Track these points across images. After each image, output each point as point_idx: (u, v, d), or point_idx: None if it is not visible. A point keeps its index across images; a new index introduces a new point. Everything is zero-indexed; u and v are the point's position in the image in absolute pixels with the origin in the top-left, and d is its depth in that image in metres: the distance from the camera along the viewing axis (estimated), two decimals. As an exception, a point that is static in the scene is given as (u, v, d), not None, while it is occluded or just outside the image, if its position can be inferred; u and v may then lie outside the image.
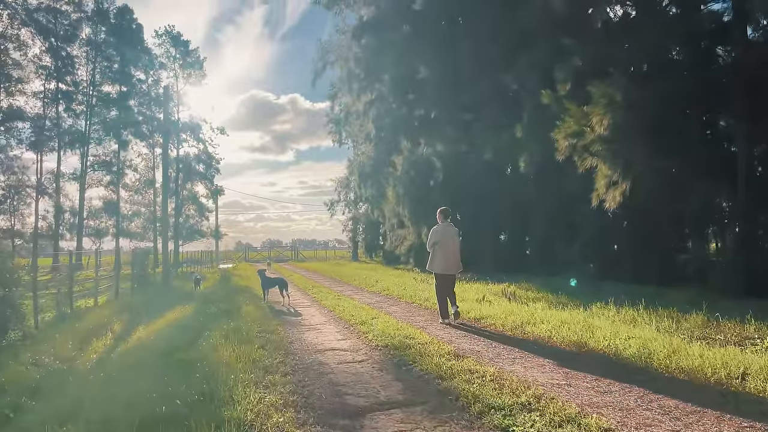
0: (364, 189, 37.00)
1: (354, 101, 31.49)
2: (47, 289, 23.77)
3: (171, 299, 14.80)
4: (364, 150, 35.39)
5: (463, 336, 8.22)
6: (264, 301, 13.48)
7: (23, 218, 47.25)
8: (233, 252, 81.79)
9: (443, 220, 9.73)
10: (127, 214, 48.10)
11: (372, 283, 18.63)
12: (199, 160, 48.13)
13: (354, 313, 10.61)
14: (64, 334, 9.31)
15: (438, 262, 9.61)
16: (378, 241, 47.26)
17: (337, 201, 52.06)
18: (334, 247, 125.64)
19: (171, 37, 47.12)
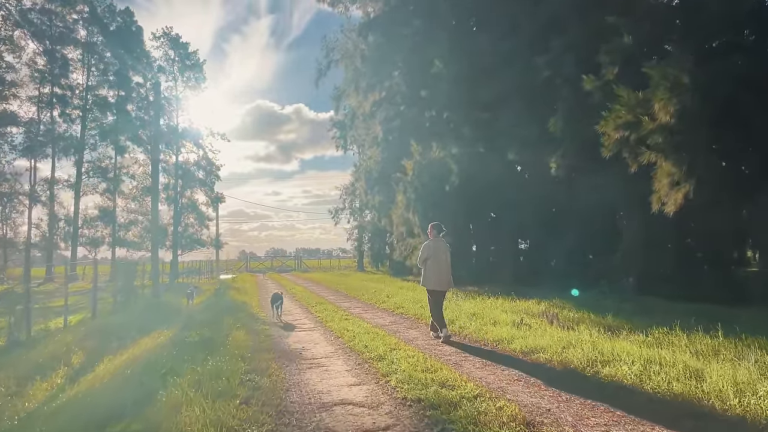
0: (370, 196, 35.04)
1: (360, 102, 29.59)
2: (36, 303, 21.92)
3: (154, 318, 12.81)
4: (370, 155, 33.44)
5: (515, 380, 6.21)
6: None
7: (16, 227, 45.56)
8: (236, 261, 79.93)
9: (435, 235, 9.66)
10: (124, 223, 46.26)
11: (383, 299, 16.62)
12: (198, 167, 46.33)
13: (367, 342, 8.59)
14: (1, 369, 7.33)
15: (431, 277, 9.50)
16: (385, 251, 45.24)
17: (342, 209, 50.11)
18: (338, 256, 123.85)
19: (170, 39, 45.45)
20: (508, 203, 20.88)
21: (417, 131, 25.77)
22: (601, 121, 12.22)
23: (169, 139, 44.58)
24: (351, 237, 50.56)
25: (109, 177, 45.21)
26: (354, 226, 49.98)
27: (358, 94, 28.98)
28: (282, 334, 10.32)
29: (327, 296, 19.74)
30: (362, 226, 47.85)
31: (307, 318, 13.00)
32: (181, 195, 45.80)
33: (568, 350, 7.31)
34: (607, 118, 11.96)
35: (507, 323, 10.13)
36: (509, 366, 6.88)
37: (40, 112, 43.92)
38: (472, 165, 21.44)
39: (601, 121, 12.22)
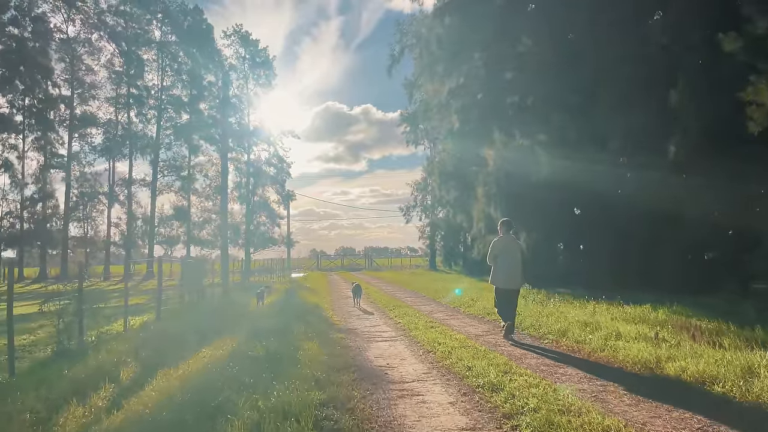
0: (444, 191, 33.19)
1: (436, 90, 27.81)
2: (104, 302, 21.61)
3: (222, 321, 11.66)
4: (444, 147, 31.61)
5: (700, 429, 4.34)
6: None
7: (96, 226, 46.90)
8: (306, 260, 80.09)
9: (505, 233, 9.46)
10: (198, 221, 46.63)
11: (466, 302, 14.85)
12: (269, 164, 45.99)
13: (468, 361, 6.92)
14: (35, 389, 6.18)
15: (499, 276, 9.33)
16: (458, 249, 43.31)
17: (413, 206, 48.49)
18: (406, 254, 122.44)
19: (240, 36, 45.24)
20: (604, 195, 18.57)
21: (498, 119, 23.72)
22: (747, 88, 9.93)
23: (240, 137, 44.47)
24: (423, 235, 48.89)
25: (183, 176, 45.69)
26: (426, 223, 48.28)
27: (432, 82, 27.20)
28: (360, 345, 8.80)
29: (403, 297, 18.18)
30: (434, 223, 46.06)
31: (386, 324, 11.45)
32: (253, 193, 45.60)
33: (751, 381, 5.35)
34: (758, 84, 9.64)
35: (635, 337, 8.15)
36: (677, 404, 4.99)
37: (117, 113, 44.98)
38: (562, 154, 19.26)
39: (747, 88, 9.93)
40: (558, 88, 18.89)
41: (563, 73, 18.43)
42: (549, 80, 19.32)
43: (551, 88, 19.39)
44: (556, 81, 18.76)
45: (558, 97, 19.15)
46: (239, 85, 45.63)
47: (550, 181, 19.70)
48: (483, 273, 29.14)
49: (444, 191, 33.30)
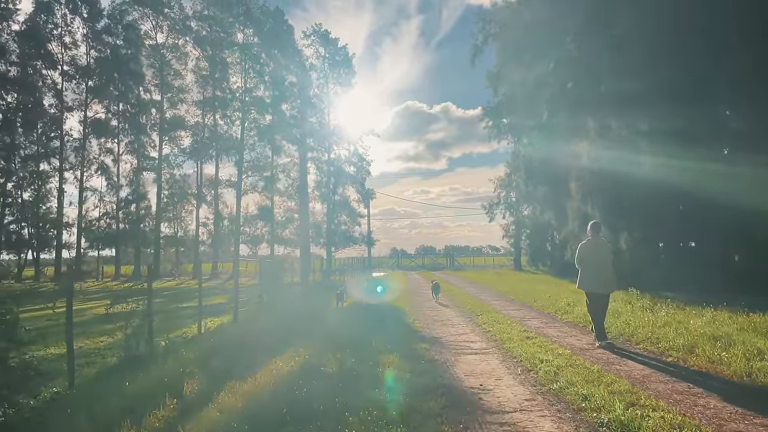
0: (531, 187, 31.43)
1: (521, 80, 26.26)
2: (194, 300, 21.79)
3: (298, 324, 10.98)
4: (531, 140, 29.81)
5: None
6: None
7: (185, 225, 48.50)
8: (387, 258, 79.73)
9: (594, 235, 9.04)
10: (281, 221, 47.07)
11: (562, 308, 13.42)
12: (349, 163, 45.77)
13: (582, 386, 5.72)
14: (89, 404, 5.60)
15: (586, 279, 8.92)
16: (545, 248, 41.20)
17: (497, 203, 46.63)
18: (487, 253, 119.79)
19: (320, 35, 45.33)
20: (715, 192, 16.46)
21: (592, 108, 21.88)
22: None
23: (321, 137, 44.54)
24: (507, 233, 46.92)
25: (266, 176, 46.28)
26: (510, 221, 46.31)
27: (518, 71, 25.67)
28: (447, 358, 7.75)
29: (489, 300, 16.92)
30: (520, 221, 44.10)
31: (474, 332, 10.32)
32: (334, 192, 45.56)
33: None
34: None
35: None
36: None
37: (204, 115, 46.26)
38: (667, 147, 17.32)
39: None
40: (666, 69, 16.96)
41: (671, 52, 16.49)
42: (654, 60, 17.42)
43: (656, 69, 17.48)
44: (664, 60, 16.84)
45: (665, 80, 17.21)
46: (319, 84, 45.75)
47: (651, 175, 17.84)
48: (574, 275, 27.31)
49: (530, 187, 31.55)
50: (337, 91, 46.11)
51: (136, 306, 7.84)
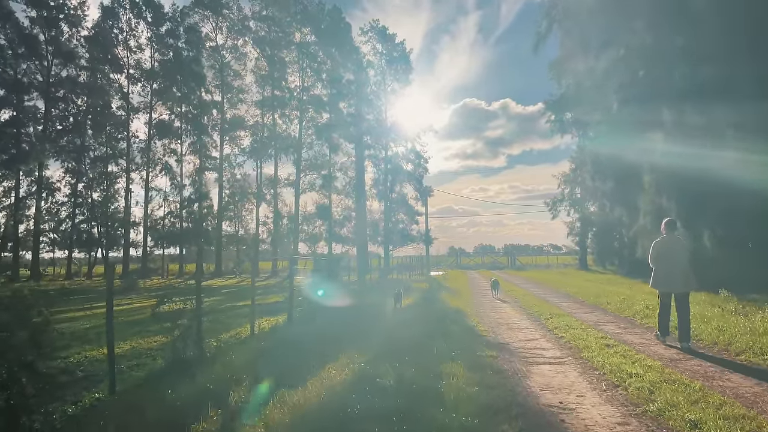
0: (599, 182, 29.79)
1: (588, 68, 24.79)
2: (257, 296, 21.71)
3: (354, 326, 10.39)
4: (598, 132, 28.21)
5: None
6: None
7: (246, 224, 49.18)
8: (445, 257, 78.67)
9: (668, 232, 8.68)
10: (339, 219, 46.96)
11: (641, 312, 12.25)
12: (407, 160, 45.09)
13: (687, 409, 4.84)
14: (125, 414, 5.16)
15: (661, 278, 8.61)
16: (613, 247, 39.16)
17: (560, 200, 44.78)
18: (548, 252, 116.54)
19: (377, 32, 44.83)
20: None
21: (667, 97, 20.31)
22: None
23: (378, 134, 44.05)
24: (571, 231, 45.00)
25: (324, 174, 46.32)
26: (575, 218, 44.38)
27: (585, 59, 24.23)
28: (518, 368, 6.94)
29: (557, 302, 15.84)
30: (585, 218, 42.16)
31: (545, 338, 9.42)
32: (391, 190, 45.02)
33: None
34: None
35: None
36: None
37: (263, 115, 46.73)
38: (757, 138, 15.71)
39: None
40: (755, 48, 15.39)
41: (762, 41, 14.94)
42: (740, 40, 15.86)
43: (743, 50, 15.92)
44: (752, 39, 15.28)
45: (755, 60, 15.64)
46: (376, 81, 45.30)
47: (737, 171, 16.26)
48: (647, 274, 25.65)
49: (598, 182, 29.92)
50: (394, 88, 45.56)
51: (183, 305, 7.40)
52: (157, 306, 7.08)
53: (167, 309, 7.38)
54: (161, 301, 7.09)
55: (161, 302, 7.08)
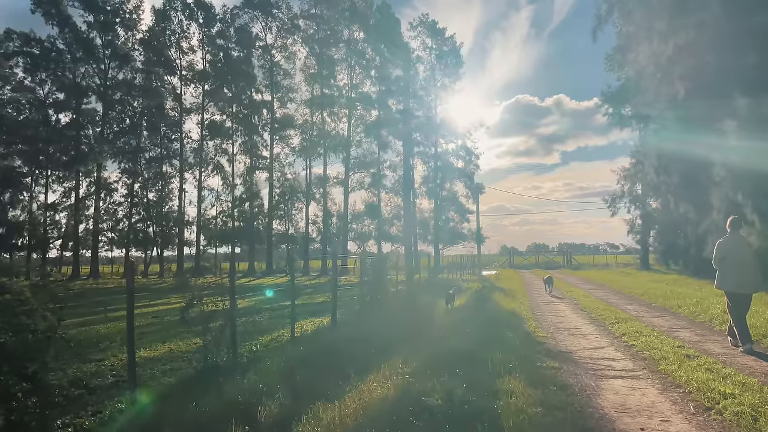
0: (663, 176, 28.00)
1: (652, 53, 23.20)
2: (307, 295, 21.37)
3: (402, 330, 9.68)
4: (663, 122, 26.39)
5: None
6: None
7: (296, 223, 49.26)
8: (497, 256, 76.98)
9: (733, 231, 8.35)
10: (388, 218, 46.43)
11: (719, 317, 11.00)
12: (457, 157, 44.16)
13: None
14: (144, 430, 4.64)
15: (728, 278, 8.19)
16: (677, 245, 36.97)
17: (620, 196, 42.59)
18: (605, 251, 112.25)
19: (426, 26, 44.05)
20: None
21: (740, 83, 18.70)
22: None
23: (427, 130, 43.27)
24: (632, 229, 42.78)
25: (373, 172, 45.88)
26: (636, 216, 42.16)
27: (650, 43, 22.64)
28: (585, 383, 6.06)
29: (621, 305, 14.67)
30: (648, 215, 39.96)
31: (612, 346, 8.45)
32: (441, 187, 44.14)
33: None
34: None
35: None
36: None
37: (312, 114, 46.64)
38: None
39: None
40: None
41: None
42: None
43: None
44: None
45: None
46: (426, 77, 44.56)
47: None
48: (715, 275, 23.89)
49: (662, 177, 28.15)
50: (444, 83, 44.64)
51: (216, 307, 6.85)
52: (186, 309, 6.53)
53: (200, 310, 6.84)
54: (190, 303, 6.52)
55: (190, 305, 6.52)
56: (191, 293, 6.62)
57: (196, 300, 6.47)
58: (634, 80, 30.69)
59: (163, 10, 45.01)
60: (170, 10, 45.19)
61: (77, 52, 42.64)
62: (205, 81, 46.60)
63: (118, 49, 44.03)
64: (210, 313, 6.79)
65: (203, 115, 46.89)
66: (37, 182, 46.18)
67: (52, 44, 42.18)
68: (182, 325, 6.71)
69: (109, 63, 44.21)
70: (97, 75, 44.28)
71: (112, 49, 43.90)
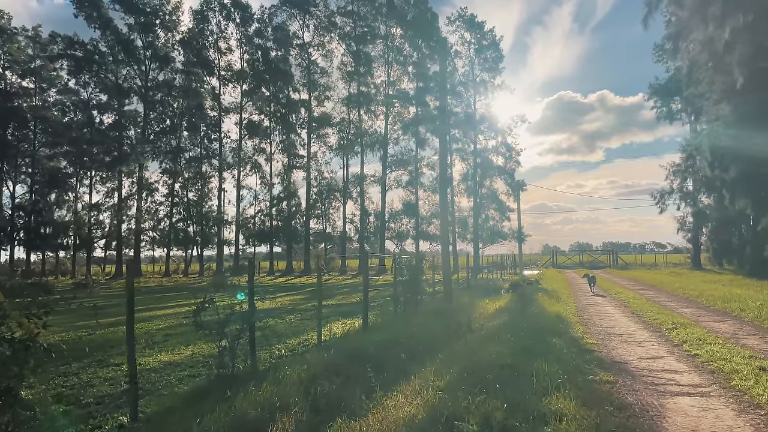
0: (718, 170, 26.37)
1: (707, 40, 21.81)
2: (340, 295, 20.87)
3: (435, 335, 8.97)
4: (719, 113, 24.80)
5: None
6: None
7: (333, 222, 48.91)
8: (539, 256, 75.18)
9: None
10: (426, 216, 45.58)
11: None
12: (497, 152, 42.91)
13: None
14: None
15: None
16: (733, 244, 35.10)
17: (669, 193, 40.64)
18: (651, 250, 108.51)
19: (464, 20, 42.99)
20: None
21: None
22: None
23: (466, 126, 42.24)
24: (682, 227, 40.81)
25: (410, 170, 45.16)
26: (686, 213, 40.18)
27: (704, 28, 21.26)
28: (646, 402, 5.26)
29: (677, 308, 13.58)
30: (700, 212, 38.03)
31: (673, 356, 7.54)
32: (480, 185, 43.03)
33: None
34: None
35: None
36: None
37: (349, 111, 46.20)
38: None
39: None
40: None
41: None
42: None
43: None
44: None
45: None
46: (464, 72, 43.58)
47: None
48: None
49: (717, 171, 26.53)
50: (483, 78, 43.53)
51: (231, 311, 6.29)
52: (198, 312, 5.98)
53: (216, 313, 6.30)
54: (202, 305, 5.97)
55: (202, 307, 5.97)
56: (204, 295, 6.07)
57: (208, 303, 5.92)
58: (686, 70, 29.13)
59: (200, 11, 45.30)
60: (207, 10, 45.43)
61: (119, 54, 43.31)
62: (244, 80, 46.70)
63: (158, 50, 44.51)
64: (225, 317, 6.25)
65: (241, 114, 47.01)
66: (81, 183, 47.23)
67: (94, 47, 42.91)
68: (196, 329, 6.15)
69: (150, 64, 44.75)
70: (138, 76, 44.88)
71: (152, 51, 44.41)
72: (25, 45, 45.48)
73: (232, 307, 6.41)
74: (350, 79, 45.30)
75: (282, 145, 47.11)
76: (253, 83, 46.23)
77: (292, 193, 47.58)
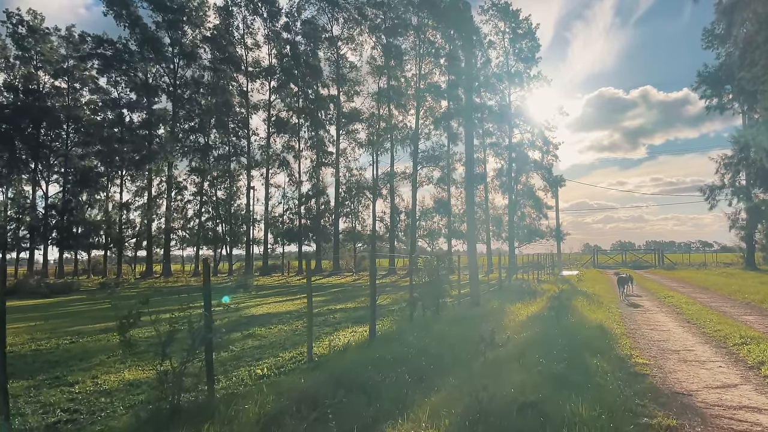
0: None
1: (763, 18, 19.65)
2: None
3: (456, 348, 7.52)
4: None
5: None
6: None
7: (363, 220, 47.66)
8: (579, 255, 72.46)
9: None
10: (458, 214, 43.79)
11: None
12: (533, 146, 40.73)
13: None
14: None
15: None
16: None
17: (719, 187, 37.92)
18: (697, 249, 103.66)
19: (498, 9, 40.94)
20: None
21: None
22: None
23: (500, 120, 40.26)
24: (735, 224, 38.07)
25: (442, 166, 43.52)
26: (739, 209, 37.44)
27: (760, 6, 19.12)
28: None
29: (739, 315, 11.74)
30: (754, 208, 35.28)
31: (751, 385, 5.90)
32: (516, 181, 40.98)
33: None
34: None
35: None
36: None
37: (379, 106, 44.87)
38: None
39: None
40: None
41: None
42: None
43: None
44: None
45: None
46: (498, 63, 41.52)
47: None
48: None
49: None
50: (518, 69, 41.34)
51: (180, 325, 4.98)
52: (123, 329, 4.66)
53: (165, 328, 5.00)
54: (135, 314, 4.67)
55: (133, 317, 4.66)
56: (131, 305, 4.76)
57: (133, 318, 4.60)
58: (739, 53, 26.77)
59: (224, 7, 44.68)
60: (232, 6, 44.78)
61: (148, 52, 43.05)
62: (272, 77, 45.89)
63: (185, 47, 44.11)
64: (168, 336, 4.92)
65: (269, 111, 46.21)
66: (112, 182, 47.26)
67: (124, 45, 42.79)
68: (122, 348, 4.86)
69: (178, 62, 44.39)
70: (167, 74, 44.57)
71: (179, 47, 44.04)
72: (58, 45, 45.79)
73: (184, 319, 5.09)
74: (380, 73, 43.92)
75: (311, 142, 46.13)
76: (282, 79, 45.36)
77: (321, 191, 46.53)
